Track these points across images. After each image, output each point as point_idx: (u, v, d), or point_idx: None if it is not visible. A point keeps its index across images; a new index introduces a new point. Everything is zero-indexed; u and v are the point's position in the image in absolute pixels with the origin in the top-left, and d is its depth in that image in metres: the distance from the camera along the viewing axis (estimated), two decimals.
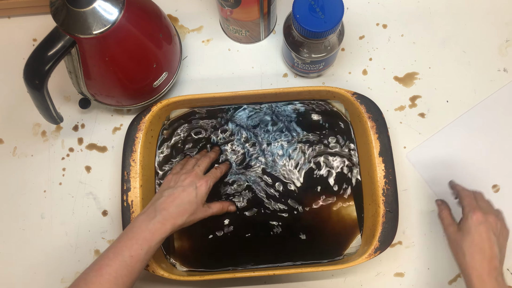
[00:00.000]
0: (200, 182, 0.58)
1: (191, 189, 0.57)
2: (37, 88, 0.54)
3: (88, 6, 0.51)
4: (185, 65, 0.71)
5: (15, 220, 0.67)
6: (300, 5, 0.56)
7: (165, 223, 0.54)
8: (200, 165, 0.61)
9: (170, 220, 0.54)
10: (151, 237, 0.53)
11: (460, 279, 0.63)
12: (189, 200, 0.57)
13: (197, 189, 0.58)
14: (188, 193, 0.57)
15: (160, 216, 0.54)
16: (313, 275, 0.64)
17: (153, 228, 0.53)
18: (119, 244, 0.52)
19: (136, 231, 0.53)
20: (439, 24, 0.71)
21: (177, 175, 0.60)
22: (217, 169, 0.63)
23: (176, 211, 0.55)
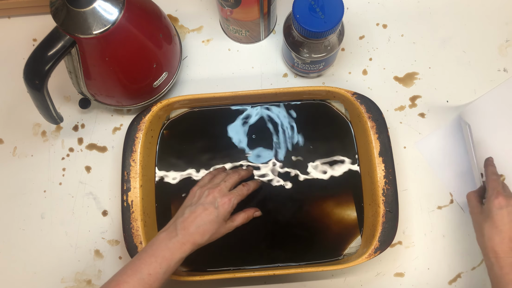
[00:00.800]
0: (223, 200, 0.56)
1: (212, 208, 0.55)
2: (37, 88, 0.54)
3: (88, 6, 0.51)
4: (185, 65, 0.71)
5: (15, 220, 0.67)
6: (300, 5, 0.56)
7: (185, 242, 0.53)
8: (227, 180, 0.59)
9: (190, 240, 0.53)
10: (171, 256, 0.52)
11: (460, 279, 0.63)
12: (210, 220, 0.54)
13: (219, 208, 0.55)
14: (209, 212, 0.55)
15: (180, 236, 0.53)
16: (313, 275, 0.64)
17: (173, 247, 0.52)
18: (139, 261, 0.51)
19: (156, 248, 0.52)
20: (439, 24, 0.71)
21: (201, 190, 0.58)
22: (244, 186, 0.60)
23: (196, 231, 0.53)
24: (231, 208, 0.56)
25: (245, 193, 0.59)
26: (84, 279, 0.65)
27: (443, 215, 0.65)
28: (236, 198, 0.57)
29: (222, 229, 0.56)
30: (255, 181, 0.62)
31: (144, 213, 0.62)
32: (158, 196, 0.65)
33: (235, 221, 0.58)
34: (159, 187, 0.66)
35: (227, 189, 0.58)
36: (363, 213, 0.64)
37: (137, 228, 0.61)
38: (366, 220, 0.63)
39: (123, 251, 0.65)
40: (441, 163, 0.66)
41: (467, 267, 0.64)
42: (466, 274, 0.64)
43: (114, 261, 0.65)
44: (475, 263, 0.64)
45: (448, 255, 0.64)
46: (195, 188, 0.59)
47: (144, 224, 0.61)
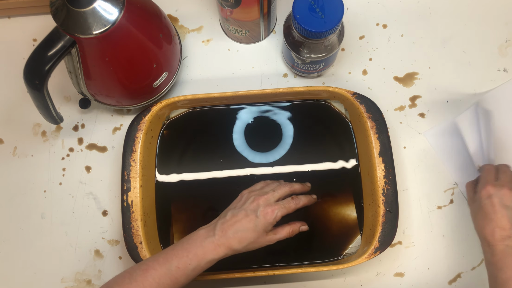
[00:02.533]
0: (266, 210, 0.53)
1: (253, 215, 0.53)
2: (37, 88, 0.54)
3: (88, 6, 0.51)
4: (185, 65, 0.71)
5: (15, 220, 0.67)
6: (300, 5, 0.56)
7: (220, 245, 0.51)
8: (276, 190, 0.56)
9: (226, 244, 0.52)
10: (203, 255, 0.51)
11: (460, 279, 0.63)
12: (248, 227, 0.52)
13: (259, 217, 0.53)
14: (250, 219, 0.53)
15: (217, 236, 0.51)
16: (313, 275, 0.64)
17: (207, 247, 0.51)
18: (172, 251, 0.51)
19: (191, 244, 0.51)
20: (439, 24, 0.71)
21: (248, 194, 0.56)
22: (293, 199, 0.57)
23: (234, 236, 0.52)
24: (273, 219, 0.53)
25: (292, 206, 0.56)
26: (84, 279, 0.65)
27: (443, 215, 0.65)
28: (281, 211, 0.54)
29: (261, 239, 0.54)
30: (308, 197, 0.60)
31: (144, 213, 0.62)
32: (158, 196, 0.65)
33: (277, 234, 0.55)
34: (159, 187, 0.66)
35: (274, 199, 0.55)
36: (363, 213, 0.64)
37: (137, 228, 0.61)
38: (366, 220, 0.63)
39: (123, 251, 0.65)
40: (447, 153, 0.66)
41: (467, 267, 0.64)
42: (466, 274, 0.64)
43: (114, 261, 0.65)
44: (475, 263, 0.64)
45: (448, 255, 0.64)
46: (245, 191, 0.57)
47: (144, 224, 0.61)
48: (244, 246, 0.52)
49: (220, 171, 0.66)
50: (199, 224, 0.59)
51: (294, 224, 0.57)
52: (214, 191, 0.65)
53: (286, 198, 0.57)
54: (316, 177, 0.65)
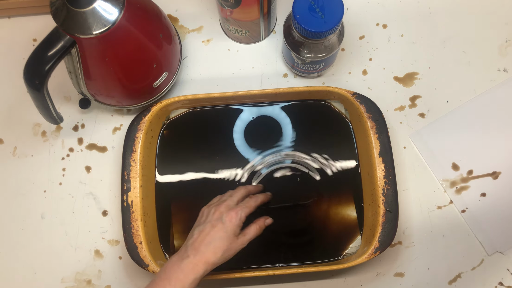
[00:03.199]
0: (230, 214, 0.54)
1: (220, 224, 0.54)
2: (37, 88, 0.54)
3: (88, 6, 0.51)
4: (185, 65, 0.71)
5: (15, 220, 0.67)
6: (300, 5, 0.56)
7: (197, 263, 0.52)
8: (233, 195, 0.58)
9: (202, 260, 0.52)
10: (184, 277, 0.51)
11: (460, 279, 0.63)
12: (219, 236, 0.53)
13: (226, 223, 0.54)
14: (218, 229, 0.53)
15: (191, 256, 0.52)
16: (313, 275, 0.64)
17: (186, 268, 0.51)
18: (153, 285, 0.51)
19: (169, 271, 0.51)
20: (439, 24, 0.71)
21: (208, 208, 0.57)
22: (251, 198, 0.58)
23: (207, 250, 0.52)
24: (238, 221, 0.55)
25: (252, 204, 0.57)
26: (84, 279, 0.65)
27: (443, 215, 0.65)
28: (243, 211, 0.55)
29: (234, 245, 0.54)
30: (264, 194, 0.61)
31: (144, 213, 0.62)
32: (158, 196, 0.65)
33: (247, 235, 0.56)
34: (159, 187, 0.66)
35: (234, 203, 0.57)
36: (363, 213, 0.64)
37: (137, 228, 0.61)
38: (366, 220, 0.63)
39: (123, 251, 0.65)
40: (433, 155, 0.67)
41: (467, 267, 0.64)
42: (466, 274, 0.64)
43: (114, 261, 0.65)
44: (475, 263, 0.64)
45: (448, 255, 0.64)
46: (203, 208, 0.58)
47: (144, 224, 0.61)
48: (220, 256, 0.53)
49: (220, 171, 0.66)
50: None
51: (259, 220, 0.58)
52: (214, 191, 0.65)
53: (245, 199, 0.58)
54: (316, 177, 0.65)
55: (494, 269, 0.63)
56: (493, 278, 0.63)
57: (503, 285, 0.63)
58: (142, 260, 0.59)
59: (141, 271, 0.64)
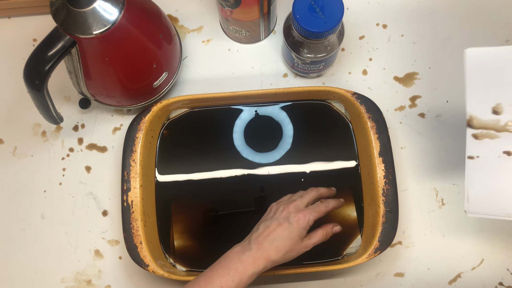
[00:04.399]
0: (298, 216, 0.54)
1: (286, 223, 0.53)
2: (37, 88, 0.54)
3: (88, 6, 0.51)
4: (185, 65, 0.71)
5: (15, 220, 0.67)
6: (300, 5, 0.56)
7: (258, 257, 0.51)
8: (304, 196, 0.57)
9: (264, 255, 0.51)
10: (243, 270, 0.51)
11: (460, 279, 0.63)
12: (284, 235, 0.52)
13: (293, 224, 0.53)
14: (283, 228, 0.53)
15: (254, 250, 0.52)
16: (313, 275, 0.64)
17: (246, 261, 0.51)
18: (211, 272, 0.51)
19: (230, 261, 0.51)
20: (439, 24, 0.71)
21: (277, 205, 0.56)
22: (322, 202, 0.57)
23: (270, 246, 0.52)
24: (306, 224, 0.54)
25: (323, 209, 0.56)
26: (84, 279, 0.65)
27: (443, 215, 0.65)
28: (312, 215, 0.54)
29: (297, 246, 0.54)
30: (337, 200, 0.59)
31: (144, 213, 0.62)
32: (158, 196, 0.65)
33: (312, 239, 0.55)
34: (159, 187, 0.66)
35: (304, 205, 0.56)
36: (363, 213, 0.64)
37: (137, 228, 0.61)
38: (366, 220, 0.63)
39: (123, 251, 0.65)
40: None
41: (467, 267, 0.64)
42: (466, 274, 0.64)
43: (114, 261, 0.65)
44: (475, 263, 0.64)
45: (448, 255, 0.64)
46: (273, 204, 0.58)
47: (144, 224, 0.61)
48: (282, 255, 0.52)
49: (220, 171, 0.66)
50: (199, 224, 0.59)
51: (327, 226, 0.57)
52: (214, 191, 0.65)
53: (315, 202, 0.57)
54: (316, 177, 0.65)
55: (494, 269, 0.63)
56: (493, 278, 0.63)
57: (503, 285, 0.63)
58: (142, 260, 0.59)
59: (141, 271, 0.64)
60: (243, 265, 0.51)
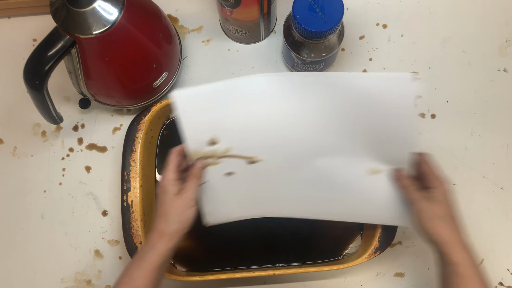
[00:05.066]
0: (161, 177, 0.53)
1: (159, 191, 0.53)
2: (37, 88, 0.54)
3: (88, 6, 0.51)
4: (185, 65, 0.71)
5: (15, 220, 0.67)
6: (300, 5, 0.56)
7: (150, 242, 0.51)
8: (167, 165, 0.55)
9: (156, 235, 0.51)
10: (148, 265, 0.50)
11: None
12: (160, 201, 0.52)
13: (160, 186, 0.52)
14: (158, 195, 0.53)
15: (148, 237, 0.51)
16: (313, 275, 0.64)
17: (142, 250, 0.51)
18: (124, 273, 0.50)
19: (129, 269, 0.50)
20: (439, 24, 0.71)
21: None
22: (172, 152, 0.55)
23: (158, 221, 0.51)
24: (166, 181, 0.52)
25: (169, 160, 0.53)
26: (84, 279, 0.65)
27: None
28: (168, 169, 0.52)
29: (178, 203, 0.51)
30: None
31: (144, 213, 0.62)
32: None
33: (186, 190, 0.52)
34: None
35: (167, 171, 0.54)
36: None
37: (137, 228, 0.60)
38: None
39: (123, 251, 0.65)
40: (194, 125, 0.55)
41: None
42: None
43: (114, 261, 0.65)
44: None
45: None
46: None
47: (144, 224, 0.61)
48: (172, 220, 0.50)
49: None
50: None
51: (194, 169, 0.54)
52: None
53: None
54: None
55: (494, 269, 0.63)
56: (493, 278, 0.63)
57: (503, 285, 0.63)
58: None
59: None
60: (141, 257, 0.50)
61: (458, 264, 0.49)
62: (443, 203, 0.51)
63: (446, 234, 0.50)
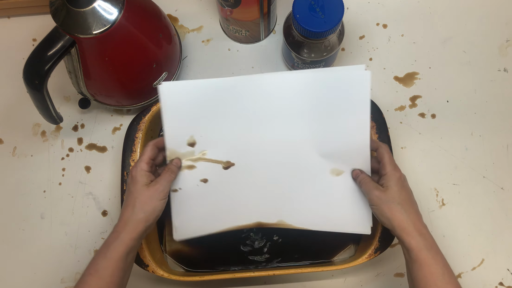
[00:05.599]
0: (132, 167, 0.53)
1: (128, 181, 0.53)
2: (37, 88, 0.54)
3: (88, 6, 0.51)
4: (185, 65, 0.71)
5: (15, 220, 0.67)
6: (300, 5, 0.56)
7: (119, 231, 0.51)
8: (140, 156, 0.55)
9: (121, 225, 0.51)
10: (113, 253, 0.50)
11: (460, 279, 0.63)
12: (128, 191, 0.52)
13: (129, 177, 0.52)
14: (127, 185, 0.52)
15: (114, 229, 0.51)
16: (313, 275, 0.64)
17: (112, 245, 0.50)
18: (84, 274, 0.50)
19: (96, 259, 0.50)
20: (439, 24, 0.71)
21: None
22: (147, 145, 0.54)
23: (125, 211, 0.51)
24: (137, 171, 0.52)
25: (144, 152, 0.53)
26: None
27: (443, 215, 0.65)
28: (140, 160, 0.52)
29: (148, 193, 0.51)
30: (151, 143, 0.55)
31: None
32: None
33: (158, 181, 0.52)
34: None
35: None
36: None
37: None
38: None
39: None
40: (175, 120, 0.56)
41: (467, 267, 0.64)
42: (466, 274, 0.64)
43: None
44: (475, 263, 0.64)
45: (448, 255, 0.64)
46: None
47: None
48: (138, 210, 0.50)
49: None
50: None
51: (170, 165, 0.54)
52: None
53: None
54: None
55: (494, 269, 0.63)
56: (493, 278, 0.63)
57: (503, 285, 0.63)
58: (142, 260, 0.59)
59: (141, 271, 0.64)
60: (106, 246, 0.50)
61: (413, 249, 0.50)
62: (397, 188, 0.52)
63: (403, 219, 0.50)
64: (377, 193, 0.52)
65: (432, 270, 0.49)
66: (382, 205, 0.51)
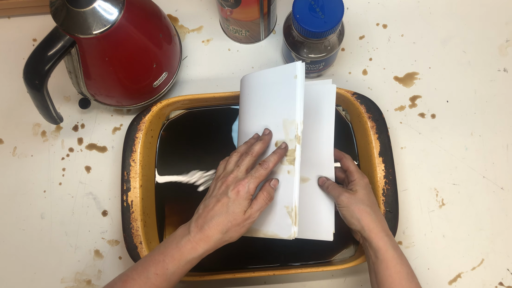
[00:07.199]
0: (236, 188, 0.48)
1: (225, 199, 0.48)
2: (37, 88, 0.54)
3: (88, 6, 0.51)
4: (185, 65, 0.71)
5: (15, 220, 0.67)
6: (300, 5, 0.56)
7: (197, 242, 0.47)
8: (240, 164, 0.50)
9: (203, 239, 0.47)
10: (180, 257, 0.47)
11: (460, 279, 0.63)
12: (222, 212, 0.47)
13: (231, 198, 0.48)
14: (222, 204, 0.48)
15: (192, 234, 0.48)
16: (313, 275, 0.64)
17: (184, 247, 0.47)
18: (150, 257, 0.48)
19: (168, 246, 0.48)
20: (439, 24, 0.71)
21: (215, 182, 0.51)
22: (261, 165, 0.50)
23: (209, 227, 0.47)
24: (246, 193, 0.48)
25: (263, 173, 0.49)
26: (84, 279, 0.65)
27: (443, 215, 0.65)
28: (252, 182, 0.48)
29: (241, 220, 0.48)
30: (276, 153, 0.51)
31: (144, 213, 0.62)
32: (158, 196, 0.65)
33: (254, 206, 0.48)
34: (159, 187, 0.66)
35: (242, 173, 0.50)
36: None
37: (137, 228, 0.61)
38: None
39: (123, 251, 0.65)
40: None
41: (467, 267, 0.64)
42: (466, 274, 0.64)
43: (114, 261, 0.65)
44: (475, 263, 0.64)
45: (448, 255, 0.64)
46: (212, 182, 0.52)
47: (144, 224, 0.61)
48: (224, 233, 0.48)
49: None
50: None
51: (264, 186, 0.50)
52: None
53: (255, 166, 0.50)
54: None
55: (494, 269, 0.63)
56: (493, 278, 0.63)
57: (503, 285, 0.63)
58: None
59: None
60: (179, 252, 0.47)
61: (380, 249, 0.52)
62: (365, 192, 0.56)
63: (371, 220, 0.53)
64: (347, 195, 0.55)
65: (398, 269, 0.51)
66: (352, 206, 0.54)
